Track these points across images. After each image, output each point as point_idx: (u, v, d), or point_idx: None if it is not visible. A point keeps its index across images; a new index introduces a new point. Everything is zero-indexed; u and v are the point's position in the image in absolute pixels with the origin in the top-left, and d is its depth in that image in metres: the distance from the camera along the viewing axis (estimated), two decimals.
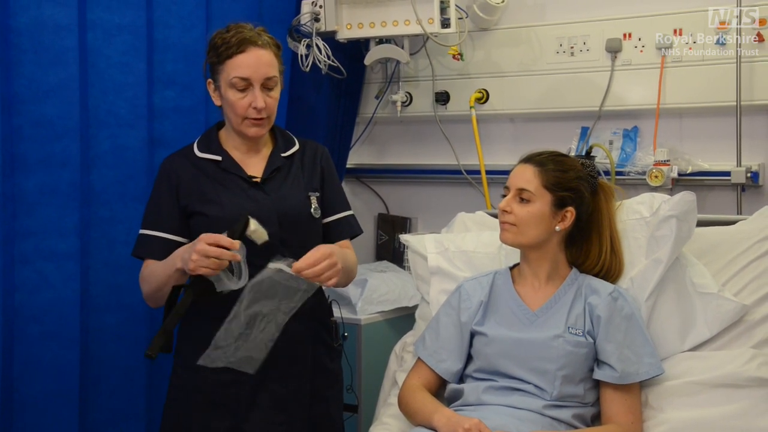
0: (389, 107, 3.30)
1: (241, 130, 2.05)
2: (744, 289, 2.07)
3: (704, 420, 1.87)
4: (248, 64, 1.99)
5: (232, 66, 1.99)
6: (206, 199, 2.03)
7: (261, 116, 2.02)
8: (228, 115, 2.06)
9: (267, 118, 2.04)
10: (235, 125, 2.05)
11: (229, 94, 2.01)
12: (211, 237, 1.85)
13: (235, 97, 2.00)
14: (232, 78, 1.99)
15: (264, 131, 2.06)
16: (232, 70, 1.99)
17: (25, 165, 2.16)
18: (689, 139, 2.80)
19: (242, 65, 1.99)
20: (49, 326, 2.20)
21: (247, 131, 2.04)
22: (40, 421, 2.19)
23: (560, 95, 2.96)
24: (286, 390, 2.02)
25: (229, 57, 1.99)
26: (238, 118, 2.03)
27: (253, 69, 1.99)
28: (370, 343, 2.84)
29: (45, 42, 2.16)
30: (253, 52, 1.99)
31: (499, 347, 1.98)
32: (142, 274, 2.05)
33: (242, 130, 2.05)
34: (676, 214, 2.05)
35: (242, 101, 2.00)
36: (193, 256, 1.84)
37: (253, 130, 2.04)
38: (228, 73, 2.00)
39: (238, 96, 2.00)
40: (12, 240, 2.14)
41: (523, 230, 1.99)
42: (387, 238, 3.39)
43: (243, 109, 2.01)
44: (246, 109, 2.01)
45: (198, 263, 1.84)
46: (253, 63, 1.99)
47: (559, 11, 2.99)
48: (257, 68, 1.99)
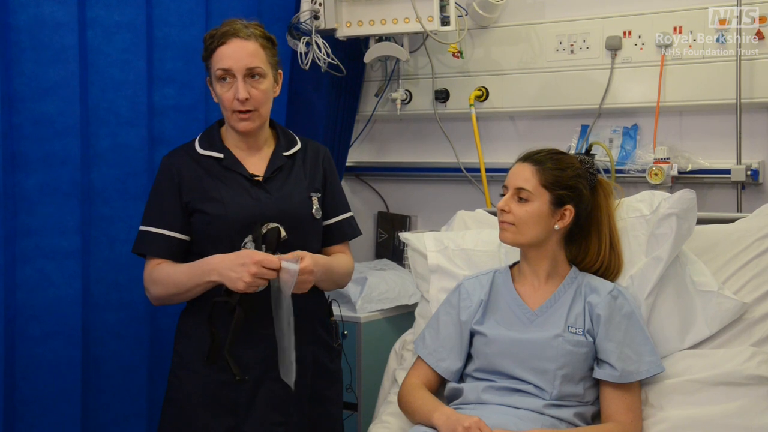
0: (389, 105, 3.30)
1: (231, 124, 2.05)
2: (744, 287, 2.07)
3: (704, 418, 1.87)
4: (228, 55, 1.99)
5: (215, 59, 2.01)
6: (208, 196, 2.02)
7: (246, 108, 2.01)
8: (221, 110, 2.06)
9: (255, 111, 2.03)
10: (227, 120, 2.06)
11: (217, 88, 2.02)
12: (261, 259, 1.86)
13: (221, 90, 2.01)
14: (216, 70, 2.00)
15: (253, 125, 2.05)
16: (216, 62, 2.01)
17: (25, 163, 2.16)
18: (689, 137, 2.80)
19: (223, 56, 1.99)
20: (51, 325, 2.20)
21: (236, 125, 2.04)
22: (42, 419, 2.19)
23: (560, 93, 2.96)
24: (286, 390, 2.02)
25: (213, 50, 2.01)
26: (227, 111, 2.03)
27: (234, 59, 1.99)
28: (369, 341, 2.84)
29: (45, 40, 2.16)
30: (235, 43, 2.00)
31: (498, 347, 1.98)
32: (153, 274, 2.03)
33: (232, 124, 2.05)
34: (676, 212, 2.05)
35: (227, 94, 2.00)
36: (246, 278, 1.86)
37: (241, 124, 2.03)
38: (213, 66, 2.01)
39: (224, 89, 2.01)
40: (13, 238, 2.14)
41: (522, 229, 1.99)
42: (387, 236, 3.39)
43: (229, 102, 2.01)
44: (231, 102, 2.00)
45: (252, 285, 1.87)
46: (233, 53, 1.99)
47: (558, 9, 2.98)
48: (238, 59, 1.99)
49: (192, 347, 2.04)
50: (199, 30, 2.47)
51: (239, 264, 1.88)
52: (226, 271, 1.90)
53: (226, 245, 1.99)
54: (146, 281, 2.05)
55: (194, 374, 2.02)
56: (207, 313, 1.96)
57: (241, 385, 2.00)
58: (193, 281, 1.97)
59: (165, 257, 2.04)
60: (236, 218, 1.98)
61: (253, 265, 1.86)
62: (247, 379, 1.97)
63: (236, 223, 1.98)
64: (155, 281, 2.03)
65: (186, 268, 2.00)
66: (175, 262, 2.04)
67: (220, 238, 2.01)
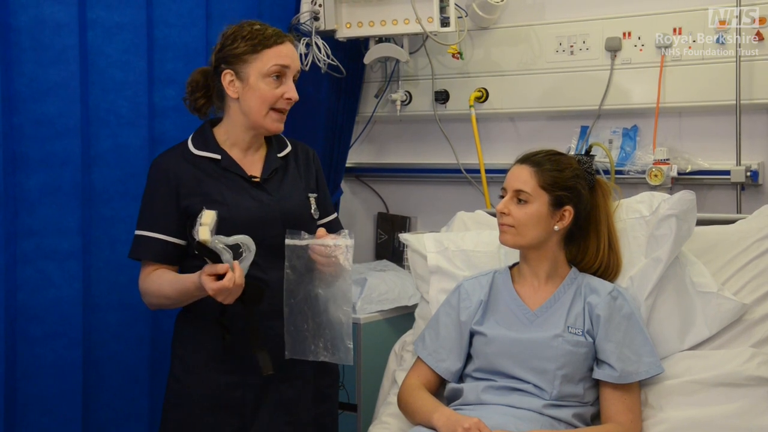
0: (389, 106, 3.30)
1: (263, 123, 2.03)
2: (743, 288, 2.08)
3: (704, 419, 1.88)
4: (287, 54, 2.02)
5: (271, 55, 2.00)
6: (210, 199, 2.00)
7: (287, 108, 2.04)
8: (248, 108, 2.02)
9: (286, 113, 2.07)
10: (257, 118, 2.03)
11: (261, 84, 2.00)
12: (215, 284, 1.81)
13: (269, 86, 2.01)
14: (272, 66, 2.00)
15: (282, 127, 2.07)
16: (272, 58, 2.00)
17: (26, 164, 2.16)
18: (689, 138, 2.80)
19: (283, 54, 2.01)
20: (52, 326, 2.20)
21: (271, 126, 2.04)
22: (43, 420, 2.19)
23: (560, 94, 2.96)
24: (292, 390, 2.02)
25: (268, 46, 2.00)
26: (264, 108, 2.02)
27: (292, 59, 2.03)
28: (369, 342, 2.84)
29: (45, 40, 2.16)
30: (289, 46, 2.04)
31: (498, 347, 1.98)
32: (144, 283, 2.03)
33: (264, 123, 2.03)
34: (675, 213, 2.05)
35: (276, 91, 2.01)
36: (219, 298, 1.83)
37: (276, 124, 2.04)
38: (265, 63, 2.00)
39: (272, 86, 2.01)
40: (13, 239, 2.14)
41: (522, 231, 1.99)
42: (386, 237, 3.39)
43: (274, 99, 2.01)
44: (277, 99, 2.01)
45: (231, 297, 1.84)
46: (291, 54, 2.03)
47: (558, 10, 2.99)
48: (294, 60, 2.04)
49: (195, 350, 2.03)
50: (199, 31, 2.48)
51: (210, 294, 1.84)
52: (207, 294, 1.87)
53: None
54: (141, 289, 2.05)
55: (199, 377, 2.02)
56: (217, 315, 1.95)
57: (248, 387, 2.00)
58: (181, 297, 1.97)
59: (160, 262, 2.02)
60: (240, 220, 1.97)
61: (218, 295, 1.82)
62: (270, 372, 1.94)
63: (239, 224, 1.97)
64: (146, 291, 2.03)
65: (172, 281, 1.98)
66: (171, 266, 2.04)
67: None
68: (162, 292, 1.99)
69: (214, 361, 2.01)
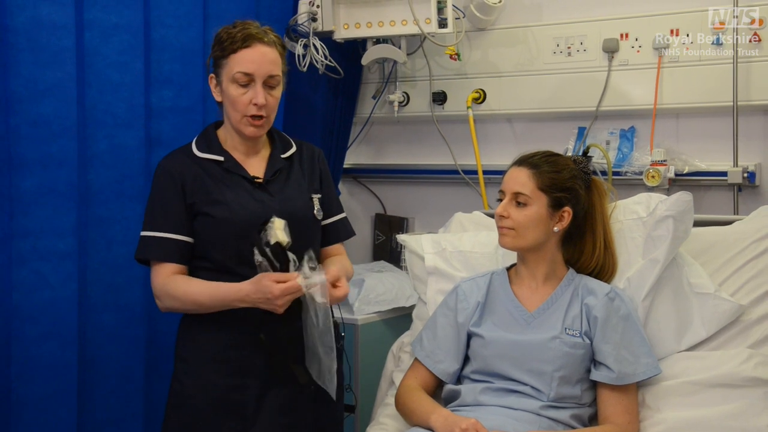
0: (386, 107, 3.30)
1: (240, 128, 2.03)
2: (740, 289, 2.07)
3: (701, 420, 1.88)
4: (252, 60, 1.98)
5: (235, 60, 1.98)
6: (212, 199, 2.00)
7: (260, 113, 2.00)
8: (228, 112, 2.04)
9: (266, 118, 2.02)
10: (234, 123, 2.03)
11: (230, 90, 1.99)
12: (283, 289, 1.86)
13: (237, 92, 1.99)
14: (235, 73, 1.98)
15: (261, 132, 2.05)
16: (236, 64, 1.98)
17: (22, 164, 2.15)
18: (686, 140, 2.81)
19: (246, 60, 1.97)
20: (47, 326, 2.19)
21: (245, 130, 2.02)
22: (37, 421, 2.19)
23: (557, 95, 2.96)
24: (293, 393, 2.02)
25: (234, 51, 1.98)
26: (237, 114, 2.01)
27: (257, 65, 1.98)
28: (367, 343, 2.84)
29: (42, 41, 2.16)
30: (258, 48, 1.99)
31: (496, 349, 1.98)
32: (167, 287, 1.99)
33: (240, 128, 2.03)
34: (672, 214, 2.05)
35: (243, 97, 1.99)
36: (279, 310, 1.89)
37: (250, 129, 2.02)
38: (231, 68, 1.98)
39: (240, 92, 1.99)
40: (9, 240, 2.14)
41: (522, 234, 1.99)
42: (384, 238, 3.39)
43: (243, 106, 1.99)
44: (246, 106, 1.99)
45: (285, 306, 1.89)
46: (257, 59, 1.98)
47: (556, 11, 2.99)
48: (261, 64, 1.98)
49: (199, 352, 2.03)
50: (196, 32, 2.47)
51: (266, 299, 1.88)
52: (257, 303, 1.91)
53: (229, 247, 1.98)
54: (159, 292, 2.01)
55: (201, 379, 2.01)
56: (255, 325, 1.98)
57: (249, 390, 2.00)
58: (215, 305, 1.97)
59: (175, 261, 2.00)
60: (241, 221, 1.97)
61: (279, 299, 1.87)
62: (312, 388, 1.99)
63: (240, 225, 1.96)
64: (171, 295, 1.99)
65: (206, 289, 1.97)
66: (184, 266, 2.02)
67: (223, 240, 1.99)
68: (192, 298, 1.97)
69: (216, 363, 2.01)
